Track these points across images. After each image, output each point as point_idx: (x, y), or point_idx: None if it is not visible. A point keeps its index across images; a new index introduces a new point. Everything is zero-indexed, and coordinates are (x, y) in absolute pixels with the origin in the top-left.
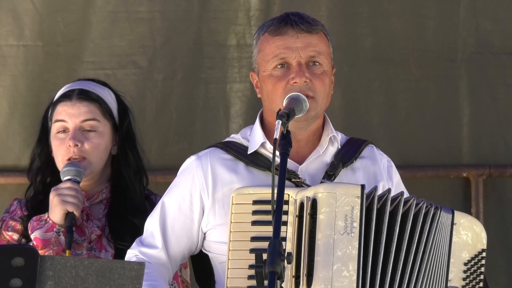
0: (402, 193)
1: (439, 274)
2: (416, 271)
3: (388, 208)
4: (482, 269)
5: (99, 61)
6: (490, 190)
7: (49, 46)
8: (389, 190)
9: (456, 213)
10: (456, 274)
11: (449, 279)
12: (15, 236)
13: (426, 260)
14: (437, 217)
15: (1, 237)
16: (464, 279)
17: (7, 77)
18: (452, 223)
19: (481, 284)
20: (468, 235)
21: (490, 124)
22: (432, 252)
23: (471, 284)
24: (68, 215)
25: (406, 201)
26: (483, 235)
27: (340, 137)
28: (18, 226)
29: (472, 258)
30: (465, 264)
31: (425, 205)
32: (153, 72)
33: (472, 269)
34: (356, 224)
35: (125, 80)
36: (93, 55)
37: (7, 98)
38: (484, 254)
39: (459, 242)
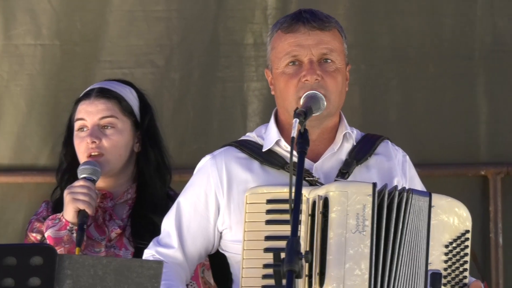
0: (395, 186)
1: (418, 258)
2: (396, 258)
3: (395, 205)
4: (467, 250)
5: (116, 60)
6: (508, 188)
7: (66, 45)
8: (395, 187)
9: (435, 195)
10: (437, 257)
11: (429, 262)
12: (39, 237)
13: (403, 245)
14: (410, 201)
15: (27, 239)
16: (445, 261)
17: (24, 77)
18: (430, 206)
19: (465, 266)
20: (449, 217)
21: (507, 122)
22: (407, 236)
23: (454, 266)
24: (80, 213)
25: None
26: (465, 215)
27: (355, 134)
28: (42, 227)
29: (454, 240)
30: (446, 246)
31: (397, 191)
32: (170, 71)
33: (455, 251)
34: (368, 223)
35: (142, 79)
36: (110, 54)
37: (24, 98)
38: (468, 236)
39: (438, 224)
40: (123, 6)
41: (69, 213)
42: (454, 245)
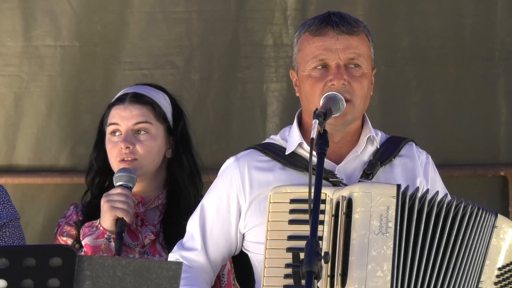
0: (437, 193)
1: (472, 274)
2: (450, 270)
3: (422, 208)
4: None
5: (136, 62)
6: None
7: (86, 47)
8: (417, 189)
9: (500, 217)
10: (489, 277)
11: (481, 280)
12: (69, 241)
13: (460, 259)
14: (478, 218)
15: (55, 242)
16: (495, 283)
17: (44, 78)
18: (493, 226)
19: None
20: (507, 240)
21: None
22: (468, 252)
23: None
24: (118, 221)
25: (442, 201)
26: None
27: (380, 136)
28: (73, 231)
29: (508, 265)
30: (499, 269)
31: (463, 204)
32: (190, 72)
33: (506, 275)
34: (391, 224)
35: (162, 80)
36: (130, 56)
37: (44, 99)
38: None
39: (497, 245)
40: (143, 7)
41: (107, 221)
42: (506, 269)
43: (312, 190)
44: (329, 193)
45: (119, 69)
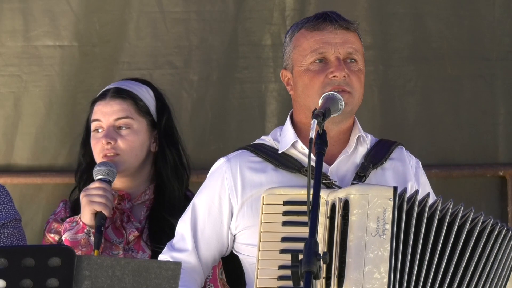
0: (439, 198)
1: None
2: (458, 278)
3: (423, 212)
4: None
5: (135, 62)
6: None
7: (85, 47)
8: (416, 192)
9: None
10: None
11: None
12: (57, 238)
13: (472, 271)
14: (502, 236)
15: (44, 239)
16: None
17: (43, 78)
18: None
19: None
20: None
21: None
22: (483, 266)
23: None
24: (97, 215)
25: (457, 212)
26: None
27: (370, 138)
28: (60, 228)
29: None
30: None
31: (482, 219)
32: (189, 72)
33: None
34: (388, 226)
35: (161, 80)
36: (129, 56)
37: (43, 99)
38: None
39: None
40: (142, 8)
41: (86, 216)
42: None
43: (311, 191)
44: (324, 195)
45: (117, 69)
